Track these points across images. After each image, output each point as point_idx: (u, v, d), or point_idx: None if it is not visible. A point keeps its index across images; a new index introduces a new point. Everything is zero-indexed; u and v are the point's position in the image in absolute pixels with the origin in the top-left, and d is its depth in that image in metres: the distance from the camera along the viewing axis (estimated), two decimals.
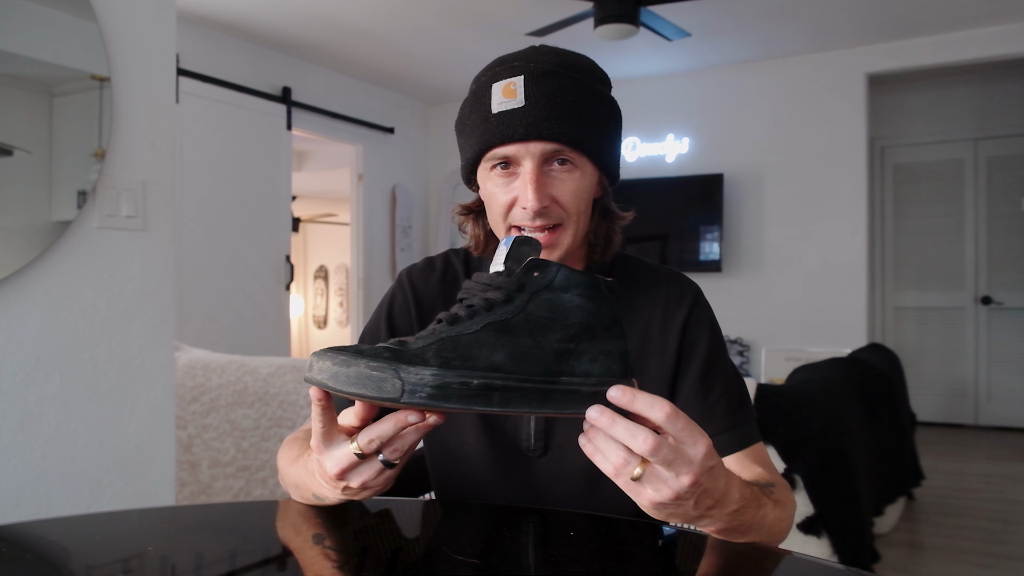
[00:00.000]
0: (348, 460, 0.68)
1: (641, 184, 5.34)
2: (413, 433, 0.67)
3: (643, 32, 4.26)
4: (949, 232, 5.50)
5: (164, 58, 1.67)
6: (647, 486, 0.63)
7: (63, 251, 1.49)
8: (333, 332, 8.16)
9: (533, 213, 0.85)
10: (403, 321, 1.00)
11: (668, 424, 0.62)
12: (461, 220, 1.00)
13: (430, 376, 0.59)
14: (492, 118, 0.85)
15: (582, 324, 0.64)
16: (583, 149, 0.86)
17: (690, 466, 0.63)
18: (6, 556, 0.73)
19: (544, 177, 0.86)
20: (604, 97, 0.90)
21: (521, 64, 0.86)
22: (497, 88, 0.85)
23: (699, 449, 0.63)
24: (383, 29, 4.48)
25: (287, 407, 2.26)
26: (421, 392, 0.59)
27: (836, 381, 2.76)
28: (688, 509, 0.65)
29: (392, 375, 0.59)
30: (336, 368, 0.60)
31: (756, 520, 0.73)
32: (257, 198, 4.64)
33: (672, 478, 0.62)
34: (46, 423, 1.46)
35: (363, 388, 0.59)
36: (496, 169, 0.88)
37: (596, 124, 0.87)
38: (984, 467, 4.31)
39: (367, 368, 0.59)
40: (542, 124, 0.83)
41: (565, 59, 0.88)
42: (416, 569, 0.72)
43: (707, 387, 0.92)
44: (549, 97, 0.84)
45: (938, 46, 4.65)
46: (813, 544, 2.10)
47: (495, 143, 0.86)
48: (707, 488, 0.64)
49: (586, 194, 0.89)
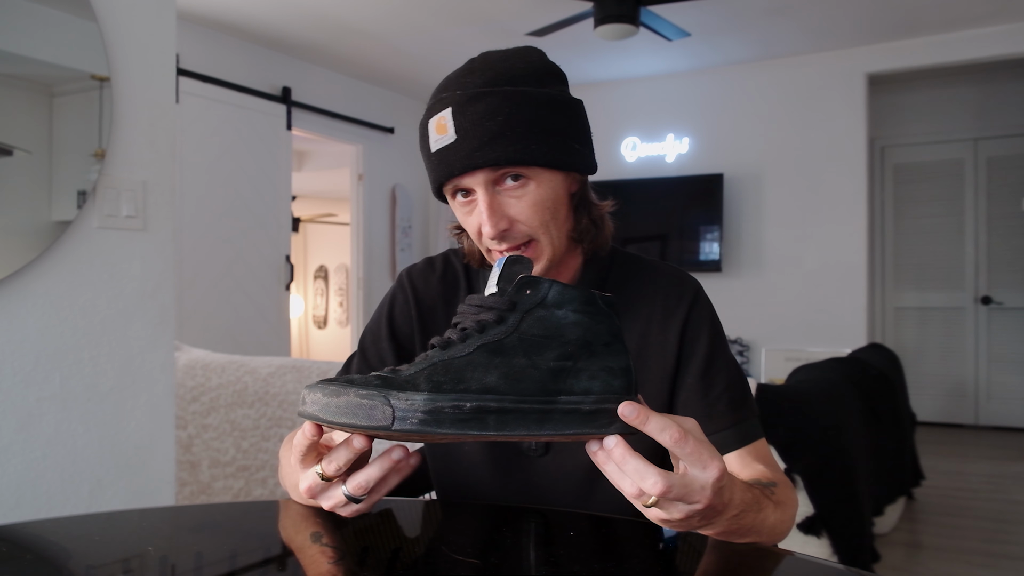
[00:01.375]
0: (314, 480, 0.68)
1: (641, 184, 5.34)
2: (375, 469, 0.66)
3: (643, 32, 4.26)
4: (949, 232, 5.50)
5: (164, 58, 1.67)
6: (659, 509, 0.64)
7: (63, 251, 1.49)
8: (333, 332, 8.16)
9: (495, 239, 0.85)
10: (404, 321, 1.00)
11: (677, 448, 0.62)
12: (457, 237, 1.00)
13: (421, 401, 0.57)
14: (433, 156, 0.86)
15: (579, 340, 0.63)
16: (528, 162, 0.84)
17: (702, 493, 0.63)
18: (6, 556, 0.73)
19: (497, 199, 0.85)
20: (543, 99, 0.85)
21: (449, 95, 0.85)
22: (432, 126, 0.85)
23: (710, 474, 0.63)
24: (383, 29, 4.48)
25: (287, 407, 2.26)
26: (412, 418, 0.57)
27: (836, 381, 2.76)
28: (694, 523, 0.66)
29: (382, 402, 0.57)
30: (327, 399, 0.58)
31: (757, 523, 0.74)
32: (257, 198, 4.64)
33: (684, 504, 0.64)
34: (46, 423, 1.46)
35: (354, 418, 0.57)
36: (458, 197, 0.88)
37: (537, 131, 0.84)
38: (984, 467, 4.31)
39: (356, 397, 0.57)
40: (476, 155, 0.82)
41: (495, 73, 0.84)
42: (416, 569, 0.72)
43: (708, 384, 0.92)
44: (477, 124, 0.82)
45: (938, 46, 4.65)
46: (813, 544, 2.10)
47: (442, 180, 0.86)
48: (714, 504, 0.65)
49: (548, 203, 0.86)
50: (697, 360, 0.93)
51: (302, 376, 2.28)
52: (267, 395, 2.27)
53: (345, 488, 0.67)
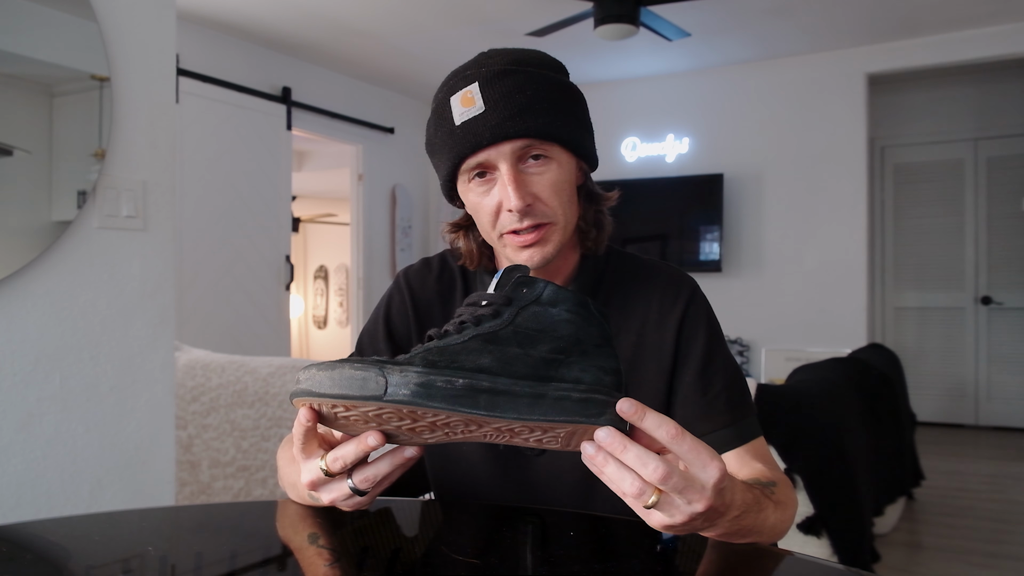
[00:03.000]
0: (317, 474, 0.68)
1: (641, 184, 5.34)
2: (384, 464, 0.66)
3: (643, 32, 4.26)
4: (949, 232, 5.50)
5: (164, 58, 1.67)
6: (660, 511, 0.62)
7: (63, 251, 1.49)
8: (333, 332, 8.16)
9: (519, 213, 0.85)
10: (401, 322, 1.00)
11: (674, 444, 0.61)
12: (452, 238, 0.99)
13: (414, 374, 0.58)
14: (457, 130, 0.85)
15: (572, 337, 0.64)
16: (553, 138, 0.86)
17: (702, 492, 0.62)
18: (6, 556, 0.73)
19: (522, 176, 0.85)
20: (562, 84, 0.89)
21: (473, 71, 0.86)
22: (455, 100, 0.86)
23: (711, 474, 0.62)
24: (383, 29, 4.48)
25: (287, 407, 2.26)
26: (404, 389, 0.58)
27: (836, 381, 2.76)
28: (696, 525, 0.65)
29: (376, 373, 0.58)
30: (320, 374, 0.59)
31: (757, 524, 0.73)
32: (257, 198, 4.64)
33: (685, 504, 0.62)
34: (46, 423, 1.46)
35: (346, 388, 0.58)
36: (474, 180, 0.88)
37: (559, 111, 0.86)
38: (984, 467, 4.31)
39: (351, 369, 0.58)
40: (506, 124, 0.83)
41: (514, 56, 0.88)
42: (416, 569, 0.72)
43: (706, 383, 0.91)
44: (507, 96, 0.84)
45: (938, 46, 4.65)
46: (813, 544, 2.10)
47: (465, 154, 0.86)
48: (716, 506, 0.64)
49: (567, 184, 0.88)
50: (694, 359, 0.92)
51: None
52: (267, 395, 2.28)
53: (351, 481, 0.67)
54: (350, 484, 0.68)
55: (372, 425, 0.63)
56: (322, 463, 0.67)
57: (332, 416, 0.63)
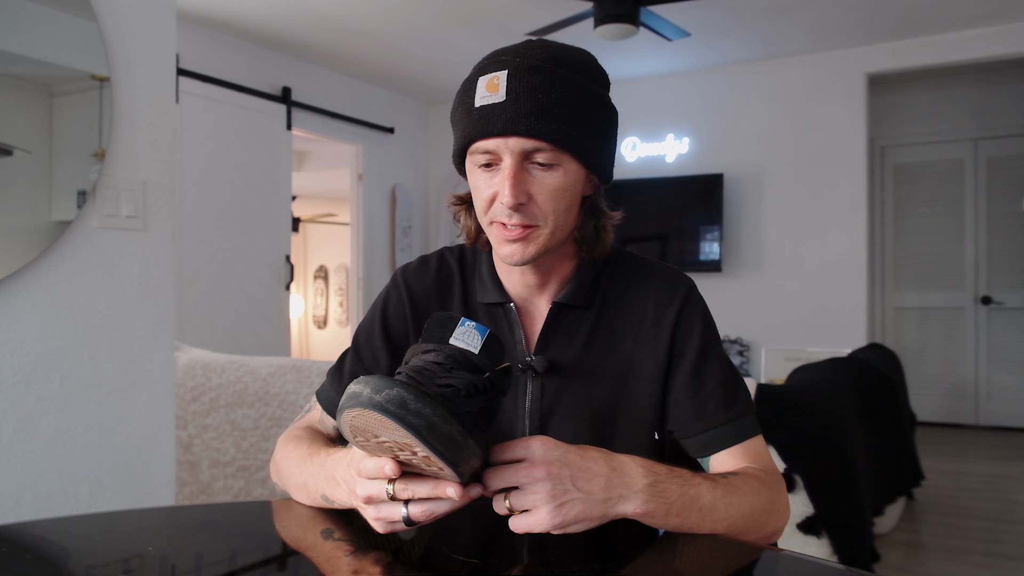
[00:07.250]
0: (380, 493, 0.71)
1: (641, 184, 5.34)
2: (444, 505, 0.70)
3: (643, 32, 4.26)
4: (949, 232, 5.50)
5: (164, 58, 1.67)
6: (529, 510, 0.71)
7: (63, 251, 1.49)
8: (333, 332, 8.16)
9: (509, 209, 0.84)
10: (397, 320, 1.00)
11: (488, 486, 0.72)
12: (455, 211, 1.00)
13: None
14: (475, 112, 0.85)
15: (490, 413, 0.73)
16: (565, 146, 0.84)
17: (530, 467, 0.70)
18: (6, 556, 0.73)
19: (523, 173, 0.85)
20: (593, 94, 0.88)
21: (508, 59, 0.86)
22: (482, 82, 0.85)
23: (531, 449, 0.72)
24: (383, 29, 4.48)
25: (287, 407, 2.25)
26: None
27: (836, 381, 2.76)
28: (578, 501, 0.71)
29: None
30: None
31: (688, 500, 0.76)
32: (257, 198, 4.64)
33: (527, 484, 0.70)
34: (46, 423, 1.46)
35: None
36: (480, 162, 0.88)
37: (581, 121, 0.85)
38: (984, 467, 4.31)
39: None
40: (521, 120, 0.82)
41: (555, 54, 0.87)
42: (416, 569, 0.72)
43: (699, 382, 0.91)
44: (530, 93, 0.83)
45: (938, 46, 4.65)
46: (813, 544, 2.10)
47: (475, 137, 0.85)
48: (573, 470, 0.72)
49: (567, 193, 0.87)
50: (688, 358, 0.92)
51: (302, 376, 2.28)
52: (267, 395, 2.27)
53: (406, 511, 0.71)
54: (404, 513, 0.71)
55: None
56: (389, 487, 0.70)
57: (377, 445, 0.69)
